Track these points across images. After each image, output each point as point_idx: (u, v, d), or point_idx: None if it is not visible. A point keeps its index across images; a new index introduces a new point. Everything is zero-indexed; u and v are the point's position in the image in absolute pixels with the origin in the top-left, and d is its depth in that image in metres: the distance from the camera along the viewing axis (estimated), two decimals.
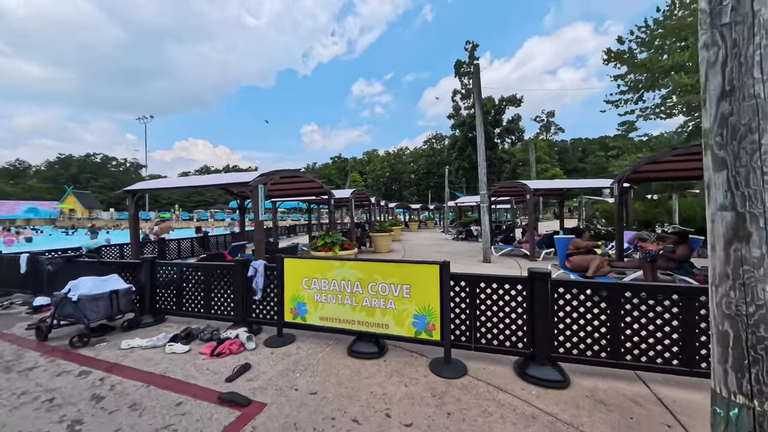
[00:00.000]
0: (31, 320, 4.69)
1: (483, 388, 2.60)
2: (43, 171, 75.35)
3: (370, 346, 3.24)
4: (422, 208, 31.30)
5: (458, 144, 29.15)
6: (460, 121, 28.56)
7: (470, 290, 3.03)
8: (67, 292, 3.74)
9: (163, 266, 4.46)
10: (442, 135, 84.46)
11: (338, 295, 3.37)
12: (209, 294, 4.14)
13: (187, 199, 74.47)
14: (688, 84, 9.93)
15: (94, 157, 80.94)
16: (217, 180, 5.63)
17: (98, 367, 3.10)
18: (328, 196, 8.29)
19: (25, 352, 3.53)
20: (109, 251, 8.64)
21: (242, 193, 9.18)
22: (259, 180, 5.34)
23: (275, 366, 3.04)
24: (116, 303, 3.95)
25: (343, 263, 3.35)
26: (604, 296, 2.68)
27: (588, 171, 62.05)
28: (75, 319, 3.77)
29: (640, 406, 2.35)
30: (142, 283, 4.39)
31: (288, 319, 3.61)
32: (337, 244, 6.05)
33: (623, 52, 12.60)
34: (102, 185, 69.93)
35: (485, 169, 9.08)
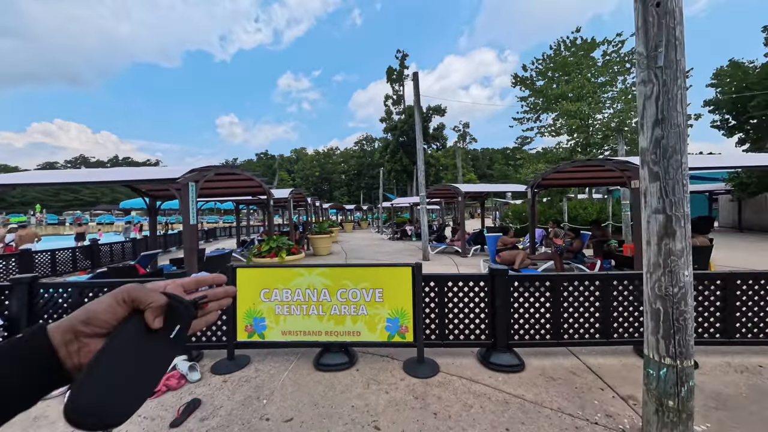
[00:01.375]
0: None
1: (458, 383, 2.75)
2: None
3: (340, 357, 3.09)
4: (356, 208, 31.41)
5: (390, 147, 30.33)
6: (392, 126, 29.77)
7: (439, 290, 3.17)
8: None
9: (49, 288, 3.37)
10: (372, 137, 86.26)
11: (303, 306, 3.11)
12: None
13: (53, 198, 58.27)
14: (571, 110, 12.49)
15: None
16: (131, 175, 4.51)
17: None
18: (267, 196, 7.57)
19: None
20: None
21: (153, 191, 7.65)
22: (190, 177, 4.53)
23: (233, 396, 2.63)
24: None
25: (309, 270, 3.11)
26: (548, 286, 3.15)
27: (494, 177, 72.10)
28: None
29: (578, 376, 2.84)
30: (15, 314, 3.23)
31: (242, 338, 3.16)
32: (284, 248, 5.57)
33: (526, 78, 15.06)
34: None
35: (424, 171, 9.65)
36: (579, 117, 12.65)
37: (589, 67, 13.16)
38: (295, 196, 10.69)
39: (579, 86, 12.66)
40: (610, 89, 13.27)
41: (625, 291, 3.12)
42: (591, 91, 12.77)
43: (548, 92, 13.87)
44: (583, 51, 13.28)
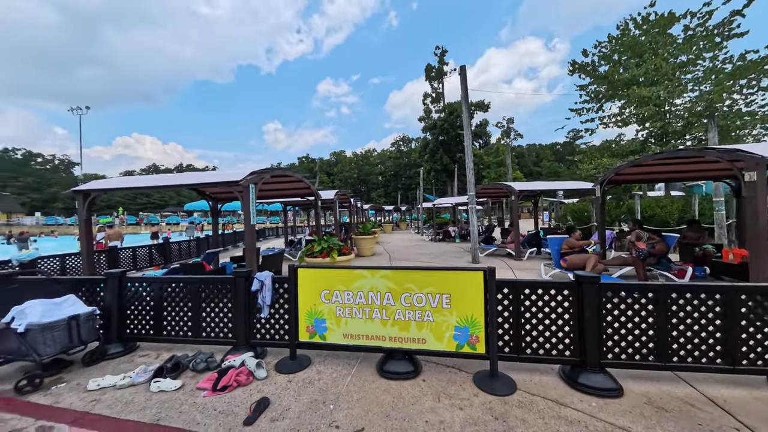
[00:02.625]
0: None
1: (542, 404, 2.40)
2: None
3: (405, 365, 2.91)
4: (394, 209, 31.33)
5: (430, 146, 29.69)
6: (431, 124, 29.13)
7: (514, 298, 2.84)
8: (10, 321, 2.89)
9: (135, 282, 3.69)
10: (409, 138, 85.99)
11: (365, 309, 2.99)
12: (199, 313, 3.50)
13: (132, 201, 67.15)
14: (644, 96, 10.96)
15: (14, 152, 69.76)
16: (198, 179, 4.87)
17: (62, 420, 2.39)
18: (315, 197, 7.74)
19: None
20: (47, 264, 7.22)
21: (216, 194, 8.25)
22: (250, 179, 4.73)
23: (299, 398, 2.58)
24: (77, 332, 3.16)
25: (372, 272, 2.98)
26: (651, 297, 2.64)
27: (542, 174, 67.20)
28: (20, 356, 2.93)
29: (699, 409, 2.32)
30: (108, 304, 3.59)
31: (303, 338, 3.14)
32: (335, 249, 5.59)
33: (587, 64, 13.63)
34: (24, 185, 60.46)
35: (473, 170, 9.15)
36: (654, 103, 11.07)
37: (666, 46, 11.44)
38: (340, 197, 10.86)
39: (653, 68, 11.06)
40: (694, 69, 11.42)
41: (758, 308, 2.50)
42: (669, 72, 11.09)
43: (614, 78, 12.37)
44: (659, 28, 11.60)
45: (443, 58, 28.96)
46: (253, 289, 3.27)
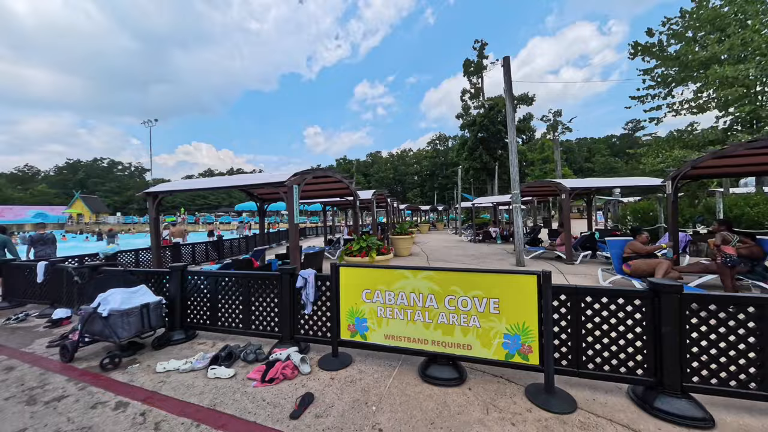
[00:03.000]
0: (52, 336, 4.28)
1: (610, 429, 2.12)
2: (51, 176, 75.89)
3: (449, 371, 2.78)
4: (431, 209, 30.80)
5: (468, 144, 28.59)
6: (470, 121, 28.02)
7: (572, 306, 2.56)
8: (96, 306, 3.32)
9: (194, 275, 4.03)
10: (445, 136, 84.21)
11: (407, 310, 2.92)
12: (249, 307, 3.70)
13: (191, 203, 74.55)
14: (729, 76, 9.39)
15: (101, 161, 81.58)
16: (248, 180, 5.21)
17: (136, 397, 2.66)
18: (354, 197, 7.85)
19: (50, 376, 3.10)
20: (124, 258, 8.26)
21: (263, 195, 8.78)
22: (294, 180, 4.92)
23: (342, 396, 2.59)
24: (147, 318, 3.53)
25: (414, 273, 2.90)
26: (751, 313, 2.20)
27: (595, 171, 61.32)
28: (104, 337, 3.35)
29: None
30: (172, 294, 3.97)
31: (345, 336, 3.16)
32: (374, 248, 5.61)
33: (652, 45, 12.08)
34: (108, 189, 70.32)
35: (517, 166, 8.61)
36: (742, 84, 9.42)
37: (759, 15, 9.66)
38: (377, 197, 10.91)
39: (741, 43, 9.41)
40: None
41: None
42: (762, 46, 9.35)
43: (688, 58, 10.78)
44: None
45: (482, 51, 27.68)
46: (297, 285, 3.37)
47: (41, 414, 2.47)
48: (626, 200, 19.90)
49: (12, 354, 3.69)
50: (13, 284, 5.99)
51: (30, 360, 3.51)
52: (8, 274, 6.00)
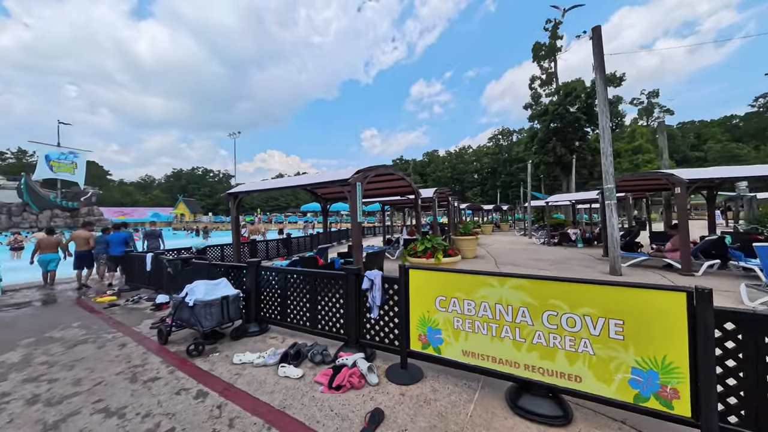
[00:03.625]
0: (154, 318, 4.90)
1: None
2: (163, 183, 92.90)
3: (549, 405, 2.23)
4: (494, 209, 28.64)
5: (539, 137, 25.65)
6: (541, 111, 25.05)
7: (747, 339, 1.79)
8: (184, 296, 3.62)
9: (267, 271, 4.16)
10: (509, 130, 78.25)
11: (491, 325, 2.45)
12: (315, 306, 3.65)
13: (264, 204, 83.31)
14: None
15: (197, 170, 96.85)
16: (313, 179, 5.32)
17: (214, 388, 2.75)
18: (415, 195, 7.52)
19: (149, 356, 3.46)
20: (212, 252, 9.34)
21: (326, 195, 9.04)
22: (357, 177, 4.80)
23: (415, 419, 2.26)
24: (227, 310, 3.72)
25: (501, 280, 2.41)
26: None
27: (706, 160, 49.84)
28: (190, 324, 3.63)
29: None
30: (248, 288, 4.16)
31: (415, 347, 2.83)
32: (440, 249, 5.19)
33: None
34: (203, 193, 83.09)
35: (611, 156, 7.21)
36: None
37: None
38: (438, 195, 10.37)
39: None
40: None
41: None
42: None
43: None
44: None
45: (556, 31, 24.44)
46: (363, 287, 3.16)
47: (139, 393, 2.70)
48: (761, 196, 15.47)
49: (126, 332, 4.29)
50: (131, 271, 7.18)
51: (137, 339, 4.02)
52: (128, 263, 7.21)
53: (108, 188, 71.13)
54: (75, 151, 38.86)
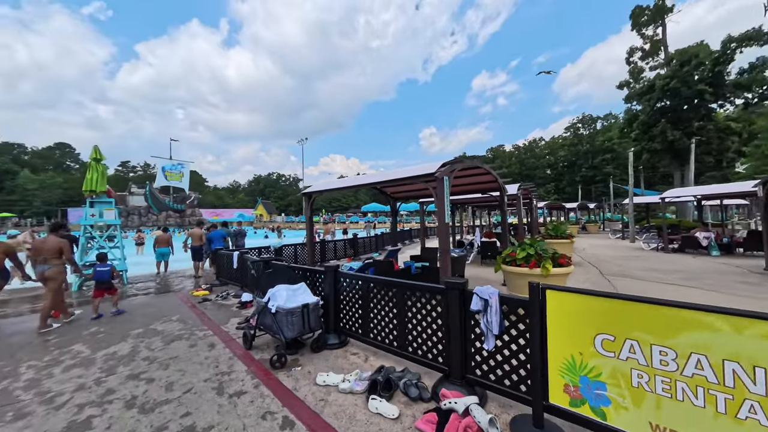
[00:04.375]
0: (239, 316, 4.98)
1: None
2: (246, 188, 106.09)
3: None
4: (580, 206, 24.77)
5: (641, 119, 20.95)
6: (645, 88, 20.35)
7: None
8: (267, 301, 3.41)
9: (346, 278, 3.76)
10: (591, 117, 68.07)
11: (715, 393, 1.50)
12: (404, 323, 3.06)
13: (328, 205, 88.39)
14: None
15: (272, 175, 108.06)
16: (392, 176, 4.82)
17: (301, 417, 2.36)
18: (501, 192, 6.47)
19: (235, 362, 3.32)
20: (286, 251, 9.68)
21: (395, 194, 8.55)
22: (444, 171, 4.10)
23: None
24: (307, 319, 3.40)
25: (736, 323, 1.45)
26: None
27: None
28: (272, 332, 3.40)
29: None
30: (326, 295, 3.81)
31: (557, 401, 2.01)
32: (548, 257, 4.15)
33: None
34: (276, 196, 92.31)
35: None
36: None
37: None
38: (522, 192, 8.99)
39: None
40: None
41: None
42: None
43: None
44: None
45: None
46: (473, 308, 2.44)
47: (225, 410, 2.46)
48: None
49: (215, 330, 4.36)
50: (221, 268, 7.74)
51: (224, 339, 4.00)
52: (218, 260, 7.78)
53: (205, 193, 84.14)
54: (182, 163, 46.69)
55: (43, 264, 4.55)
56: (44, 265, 4.54)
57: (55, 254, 4.58)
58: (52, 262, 4.56)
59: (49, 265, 4.54)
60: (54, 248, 4.60)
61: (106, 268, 5.11)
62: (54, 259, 4.58)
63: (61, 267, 4.69)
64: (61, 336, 4.25)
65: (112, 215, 7.99)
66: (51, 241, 4.69)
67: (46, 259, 4.55)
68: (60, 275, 4.63)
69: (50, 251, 4.57)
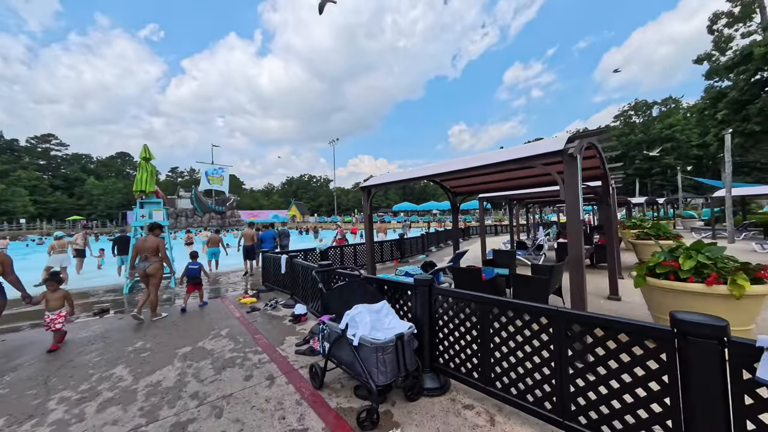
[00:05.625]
0: (295, 334, 4.16)
1: None
2: (279, 189, 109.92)
3: None
4: (648, 202, 21.67)
5: (733, 96, 17.51)
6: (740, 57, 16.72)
7: None
8: (345, 328, 2.47)
9: (444, 295, 2.72)
10: (646, 102, 61.26)
11: None
12: (565, 374, 1.95)
13: (357, 205, 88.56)
14: None
15: (303, 177, 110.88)
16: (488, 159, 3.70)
17: None
18: (604, 182, 5.08)
19: (306, 411, 2.43)
20: (333, 253, 8.88)
21: (455, 189, 7.41)
22: (575, 147, 2.91)
23: None
24: (402, 356, 2.41)
25: None
26: None
27: None
28: (354, 373, 2.46)
29: None
30: (418, 319, 2.80)
31: None
32: (734, 271, 2.79)
33: None
34: (308, 197, 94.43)
35: None
36: None
37: None
38: None
39: None
40: None
41: None
42: None
43: None
44: None
45: None
46: (762, 377, 1.28)
47: None
48: None
49: (271, 354, 3.54)
50: (267, 272, 7.10)
51: (285, 368, 3.16)
52: (265, 263, 7.15)
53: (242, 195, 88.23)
54: (222, 167, 49.03)
55: (145, 261, 4.83)
56: (145, 263, 4.81)
57: (154, 252, 4.86)
58: (152, 259, 4.84)
59: (150, 262, 4.81)
60: (153, 247, 4.87)
61: (196, 266, 5.56)
62: (153, 256, 4.86)
63: (160, 263, 4.93)
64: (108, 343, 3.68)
65: (160, 216, 7.71)
66: (150, 240, 4.93)
67: (147, 256, 4.82)
68: (159, 271, 4.89)
69: (149, 249, 4.83)
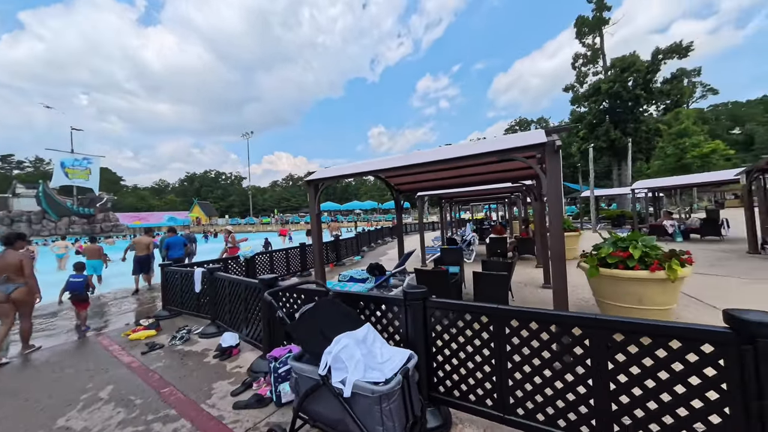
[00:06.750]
0: (227, 377, 3.08)
1: None
2: (177, 187, 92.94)
3: None
4: None
5: (588, 119, 23.01)
6: (590, 91, 22.36)
7: None
8: (327, 372, 1.73)
9: (442, 309, 2.25)
10: (526, 120, 75.36)
11: None
12: (599, 385, 1.70)
13: (277, 205, 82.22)
14: None
15: (210, 173, 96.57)
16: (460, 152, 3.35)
17: None
18: (537, 180, 5.52)
19: None
20: (260, 261, 7.51)
21: (399, 186, 7.14)
22: (553, 140, 2.83)
23: None
24: (409, 399, 1.82)
25: None
26: None
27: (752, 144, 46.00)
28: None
29: None
30: (410, 341, 2.26)
31: None
32: (673, 257, 3.20)
33: None
34: (216, 196, 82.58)
35: None
36: None
37: None
38: None
39: None
40: None
41: None
42: None
43: None
44: None
45: (603, 1, 21.66)
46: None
47: None
48: None
49: (195, 417, 2.45)
50: (169, 291, 5.41)
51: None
52: (168, 280, 5.42)
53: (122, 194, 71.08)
54: (88, 157, 37.93)
55: (6, 283, 4.08)
56: (7, 285, 4.06)
57: (17, 271, 4.16)
58: (17, 281, 4.13)
59: (13, 285, 4.08)
60: (15, 264, 4.17)
61: (80, 279, 4.99)
62: (17, 277, 4.13)
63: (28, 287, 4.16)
64: None
65: None
66: (10, 256, 4.18)
67: (8, 277, 4.09)
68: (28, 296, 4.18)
69: (11, 268, 4.11)
